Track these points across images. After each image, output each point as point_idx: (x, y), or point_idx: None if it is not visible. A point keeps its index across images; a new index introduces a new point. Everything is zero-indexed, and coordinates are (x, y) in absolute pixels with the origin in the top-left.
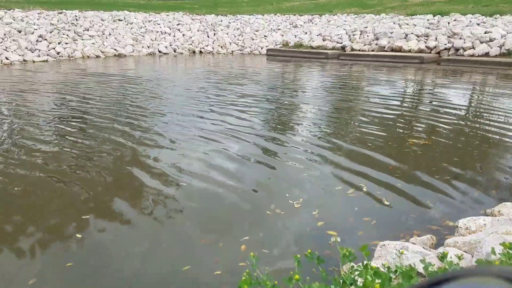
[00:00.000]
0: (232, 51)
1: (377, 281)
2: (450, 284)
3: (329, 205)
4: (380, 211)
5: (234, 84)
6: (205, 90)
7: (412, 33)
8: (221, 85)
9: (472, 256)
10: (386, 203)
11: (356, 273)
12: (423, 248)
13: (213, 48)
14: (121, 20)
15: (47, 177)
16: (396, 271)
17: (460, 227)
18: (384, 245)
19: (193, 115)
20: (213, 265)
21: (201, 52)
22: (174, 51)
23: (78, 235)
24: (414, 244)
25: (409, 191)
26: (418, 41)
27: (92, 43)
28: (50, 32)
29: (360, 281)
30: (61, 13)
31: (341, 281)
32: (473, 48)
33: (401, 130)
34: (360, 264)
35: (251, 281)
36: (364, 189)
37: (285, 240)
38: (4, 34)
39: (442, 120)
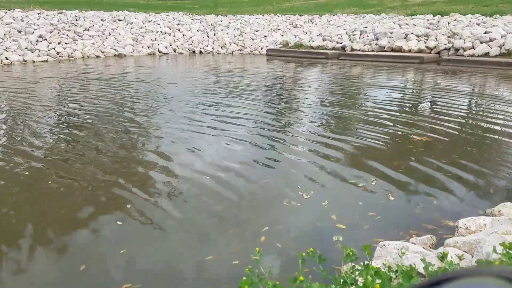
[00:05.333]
0: (232, 51)
1: (377, 281)
2: (450, 284)
3: (337, 199)
4: (384, 207)
5: (236, 84)
6: (208, 89)
7: (412, 33)
8: (223, 83)
9: (472, 256)
10: (391, 198)
11: (357, 272)
12: (423, 248)
13: (213, 48)
14: (121, 20)
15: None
16: (396, 271)
17: (460, 227)
18: (384, 245)
19: (199, 113)
20: (232, 256)
21: (201, 52)
22: (174, 51)
23: (119, 222)
24: (414, 244)
25: (410, 190)
26: (418, 41)
27: (92, 43)
28: (50, 32)
29: (360, 281)
30: (61, 13)
31: (342, 280)
32: (473, 48)
33: (402, 129)
34: (361, 263)
35: (251, 281)
36: (370, 185)
37: (296, 233)
38: (4, 34)
39: (442, 119)
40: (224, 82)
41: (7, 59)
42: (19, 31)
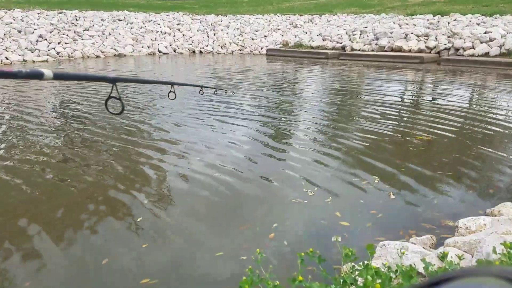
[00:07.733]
0: (232, 51)
1: (377, 281)
2: (450, 284)
3: (339, 197)
4: (385, 206)
5: (237, 84)
6: (211, 88)
7: (412, 33)
8: (224, 83)
9: (472, 256)
10: (392, 197)
11: (357, 272)
12: (423, 248)
13: (213, 48)
14: (121, 20)
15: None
16: (396, 271)
17: (460, 227)
18: (384, 245)
19: (201, 112)
20: (241, 252)
21: (201, 52)
22: (174, 51)
23: (139, 219)
24: (414, 244)
25: (410, 189)
26: (418, 41)
27: (92, 43)
28: (50, 32)
29: (360, 281)
30: (61, 13)
31: (342, 280)
32: (473, 48)
33: (404, 128)
34: (361, 263)
35: (252, 281)
36: (372, 183)
37: (304, 230)
38: (4, 34)
39: (443, 118)
40: (226, 80)
41: (7, 59)
42: (19, 31)
